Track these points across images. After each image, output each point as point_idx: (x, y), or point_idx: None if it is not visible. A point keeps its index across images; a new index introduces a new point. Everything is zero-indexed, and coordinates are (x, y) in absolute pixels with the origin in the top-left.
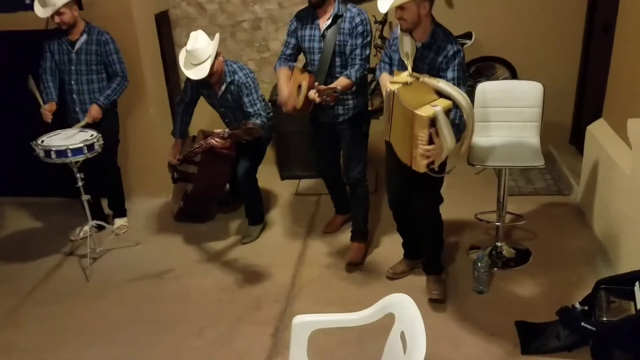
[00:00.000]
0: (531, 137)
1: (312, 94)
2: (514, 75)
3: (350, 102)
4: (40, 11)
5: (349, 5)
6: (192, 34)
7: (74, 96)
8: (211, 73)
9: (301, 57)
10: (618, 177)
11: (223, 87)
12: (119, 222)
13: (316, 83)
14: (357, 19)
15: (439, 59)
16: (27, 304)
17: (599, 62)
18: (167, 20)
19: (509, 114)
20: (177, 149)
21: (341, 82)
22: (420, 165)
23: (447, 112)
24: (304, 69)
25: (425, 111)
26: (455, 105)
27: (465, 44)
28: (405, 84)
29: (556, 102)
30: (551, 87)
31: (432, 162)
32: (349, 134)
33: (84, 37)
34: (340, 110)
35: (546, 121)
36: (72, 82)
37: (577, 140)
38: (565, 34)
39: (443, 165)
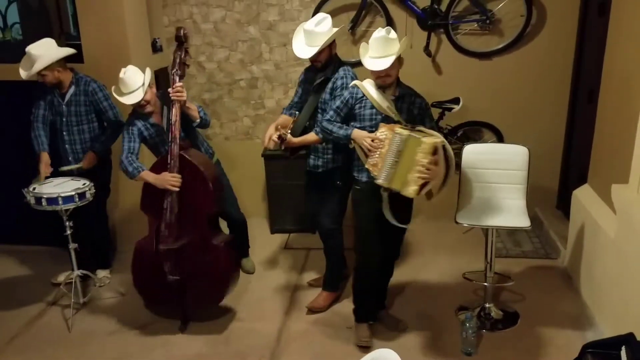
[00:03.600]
0: (517, 199)
1: (275, 135)
2: (500, 140)
3: (329, 155)
4: (22, 73)
5: (340, 68)
6: (123, 69)
7: (67, 146)
8: (146, 101)
9: None
10: (603, 242)
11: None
12: (101, 273)
13: (283, 128)
14: (339, 82)
15: (415, 111)
16: (6, 353)
17: (585, 128)
18: (166, 76)
19: (495, 176)
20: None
21: (309, 135)
22: (411, 189)
23: (443, 147)
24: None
25: (430, 139)
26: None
27: (453, 108)
28: (404, 128)
29: (543, 167)
30: (537, 153)
31: (422, 189)
32: (329, 185)
33: (72, 89)
34: (319, 162)
35: (533, 185)
36: (64, 133)
37: (563, 204)
38: (551, 102)
39: (408, 217)
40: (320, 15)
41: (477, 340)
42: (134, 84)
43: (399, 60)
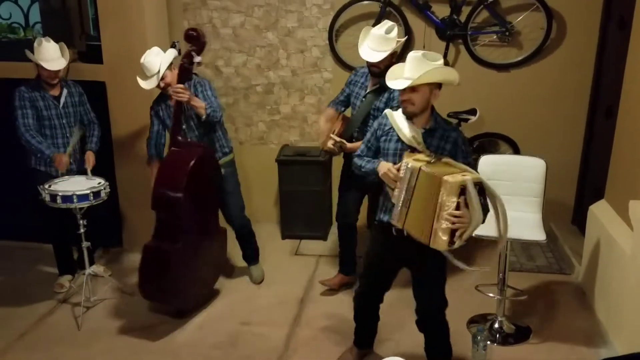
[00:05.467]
0: (533, 212)
1: (329, 140)
2: (516, 153)
3: None
4: (51, 65)
5: None
6: (148, 50)
7: (62, 149)
8: (166, 84)
9: None
10: (619, 258)
11: None
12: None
13: (335, 130)
14: (396, 92)
15: (447, 146)
16: (14, 349)
17: (602, 144)
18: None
19: (511, 188)
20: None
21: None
22: (440, 240)
23: (475, 185)
24: (345, 118)
25: (454, 178)
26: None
27: (470, 119)
28: (428, 162)
29: (559, 181)
30: (554, 167)
31: (453, 238)
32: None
33: (65, 90)
34: None
35: (549, 200)
36: (67, 136)
37: (579, 220)
38: (568, 116)
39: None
40: (389, 22)
41: (487, 354)
42: (154, 67)
43: (431, 90)
